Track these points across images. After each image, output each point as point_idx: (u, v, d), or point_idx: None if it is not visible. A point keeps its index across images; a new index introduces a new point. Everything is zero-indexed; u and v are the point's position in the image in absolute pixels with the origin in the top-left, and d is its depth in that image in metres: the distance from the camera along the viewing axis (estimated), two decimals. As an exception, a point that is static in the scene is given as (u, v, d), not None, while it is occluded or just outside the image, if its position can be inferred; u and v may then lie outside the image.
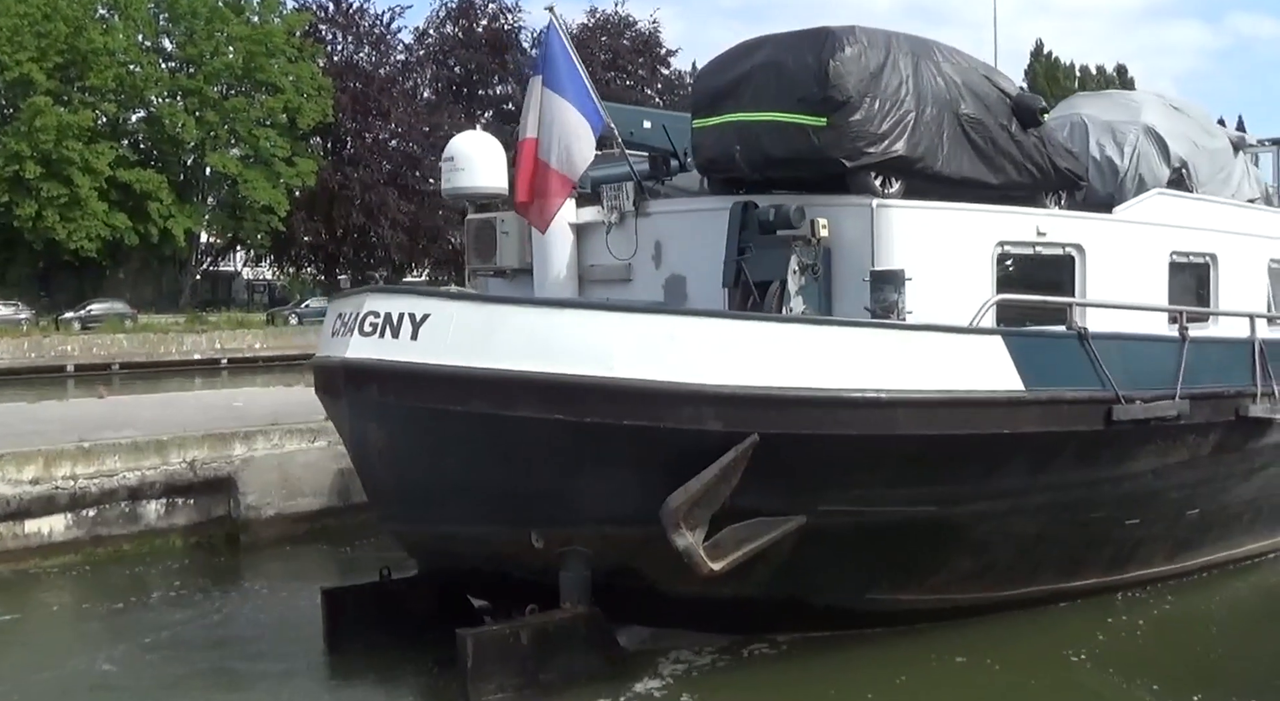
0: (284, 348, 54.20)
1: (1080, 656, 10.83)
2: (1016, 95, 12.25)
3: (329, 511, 16.15)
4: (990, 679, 10.40)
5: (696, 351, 9.33)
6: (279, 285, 78.23)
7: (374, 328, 9.54)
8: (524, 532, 9.74)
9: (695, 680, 10.25)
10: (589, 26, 73.18)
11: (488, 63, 69.39)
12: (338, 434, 11.98)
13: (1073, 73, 70.43)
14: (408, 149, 67.04)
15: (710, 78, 12.28)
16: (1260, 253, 14.76)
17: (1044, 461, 10.68)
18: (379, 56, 68.02)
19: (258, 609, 12.92)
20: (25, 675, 10.56)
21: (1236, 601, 13.24)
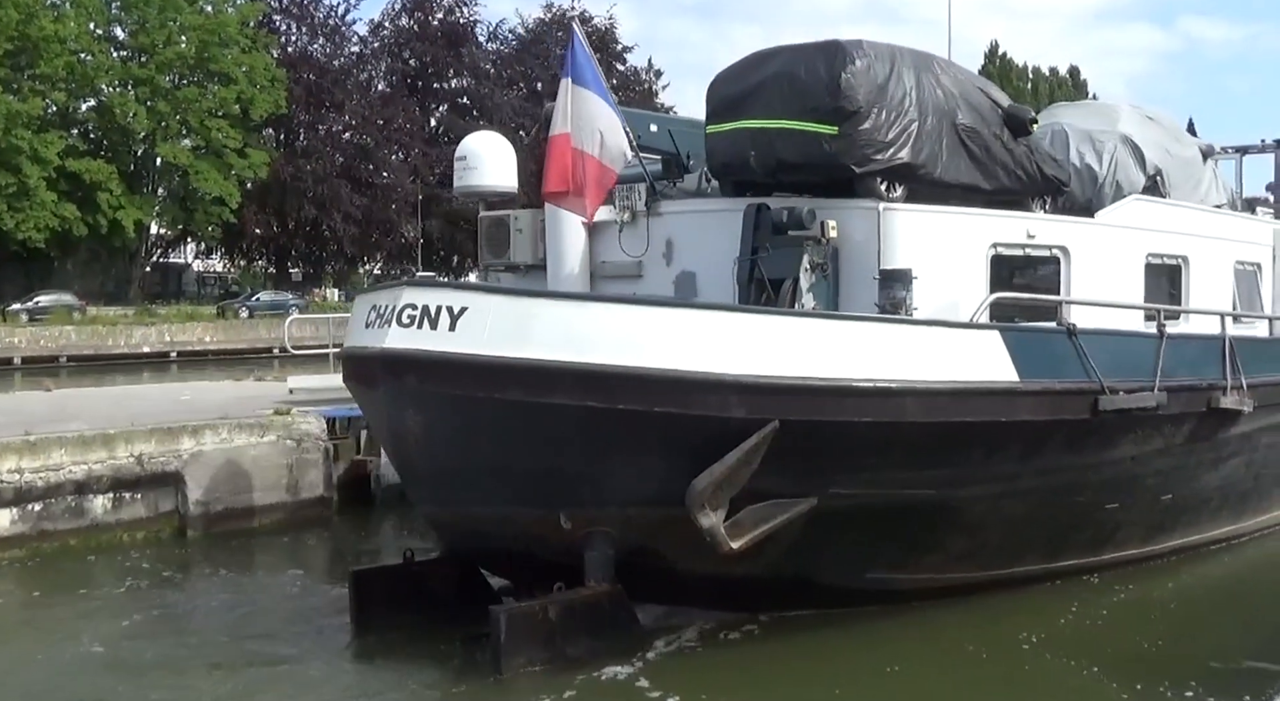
0: (234, 341, 54.49)
1: (1036, 640, 11.35)
2: (1008, 106, 13.27)
3: (278, 506, 16.35)
4: (946, 668, 10.94)
5: (722, 343, 10.11)
6: (230, 278, 78.27)
7: (412, 319, 10.14)
8: (553, 514, 10.41)
9: (702, 654, 11.00)
10: (545, 22, 73.87)
11: (443, 56, 69.73)
12: (369, 421, 12.70)
13: (1026, 74, 71.90)
14: (361, 141, 67.36)
15: (725, 86, 13.14)
16: (1227, 255, 15.90)
17: (1035, 447, 11.58)
18: (333, 48, 68.22)
19: (226, 598, 13.26)
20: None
21: (1194, 587, 13.96)
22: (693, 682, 10.24)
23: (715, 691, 10.19)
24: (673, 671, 10.48)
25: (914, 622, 11.64)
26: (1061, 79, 72.76)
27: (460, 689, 10.29)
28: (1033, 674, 10.69)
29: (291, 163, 65.02)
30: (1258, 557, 15.30)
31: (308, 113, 65.71)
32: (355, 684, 10.74)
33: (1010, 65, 71.84)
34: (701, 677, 10.43)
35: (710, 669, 10.73)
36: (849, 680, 10.48)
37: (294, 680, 10.61)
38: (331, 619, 12.26)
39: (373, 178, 67.02)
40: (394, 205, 67.69)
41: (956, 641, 11.30)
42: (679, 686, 10.09)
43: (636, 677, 10.24)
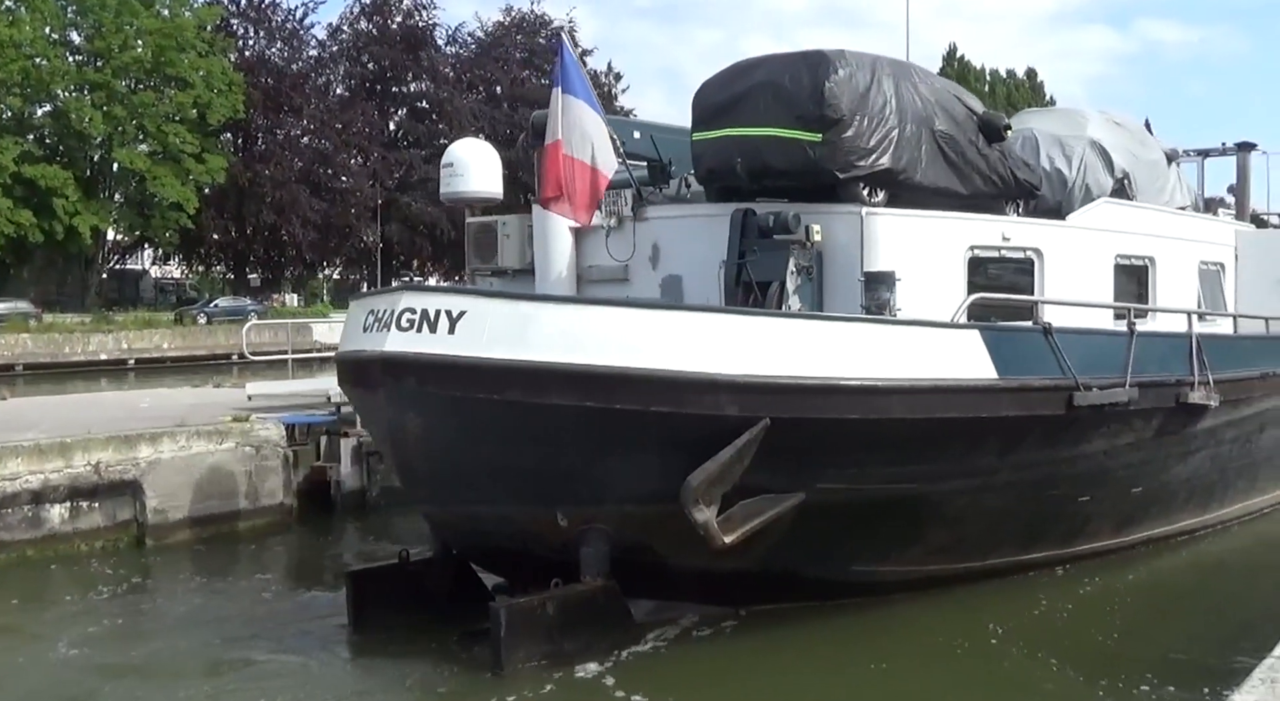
0: (192, 348, 54.30)
1: (1002, 632, 11.77)
2: (983, 113, 13.84)
3: (237, 514, 16.40)
4: (915, 660, 11.26)
5: (715, 344, 10.53)
6: (187, 284, 78.02)
7: (411, 323, 10.46)
8: (550, 512, 10.78)
9: (692, 648, 11.41)
10: (504, 25, 74.20)
11: (402, 60, 69.89)
12: (365, 423, 13.03)
13: (984, 76, 72.76)
14: (319, 146, 67.38)
15: (711, 94, 13.61)
16: (1191, 255, 16.55)
17: (1013, 442, 12.08)
18: (291, 52, 68.21)
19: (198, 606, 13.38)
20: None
21: (1160, 579, 14.46)
22: (684, 675, 10.72)
23: (702, 684, 10.65)
24: (664, 664, 10.92)
25: (888, 615, 12.07)
26: (1019, 81, 73.65)
27: (460, 684, 10.57)
28: (997, 667, 10.98)
29: (249, 167, 64.98)
30: (1222, 549, 15.83)
31: (266, 117, 65.68)
32: (355, 681, 11.01)
33: (968, 68, 72.64)
34: (691, 670, 10.89)
35: (698, 661, 11.14)
36: (825, 671, 10.90)
37: (294, 679, 10.85)
38: (315, 621, 12.57)
39: (331, 182, 67.04)
40: (353, 210, 67.79)
41: (927, 633, 11.72)
42: (671, 679, 10.55)
43: (631, 670, 10.63)
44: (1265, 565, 15.69)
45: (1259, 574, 15.20)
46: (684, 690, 10.46)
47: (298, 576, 14.93)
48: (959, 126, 13.40)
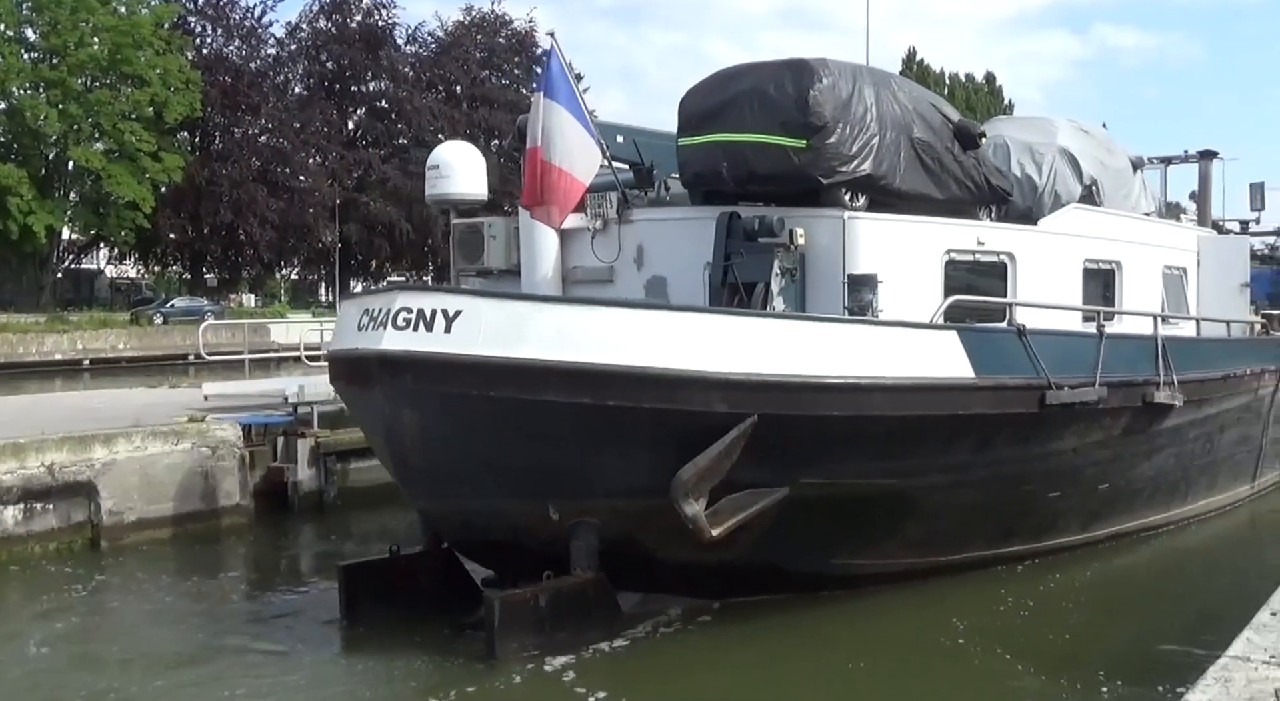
0: (149, 348, 54.03)
1: (964, 626, 12.08)
2: (958, 121, 14.38)
3: (194, 515, 16.38)
4: (877, 655, 11.52)
5: (705, 343, 10.97)
6: (144, 283, 77.65)
7: (407, 322, 10.77)
8: (542, 506, 11.16)
9: (675, 640, 11.82)
10: (465, 24, 74.30)
11: (361, 59, 69.86)
12: (357, 420, 13.37)
13: (943, 80, 73.70)
14: (278, 145, 67.21)
15: (697, 100, 14.07)
16: (1156, 260, 17.20)
17: (987, 439, 12.60)
18: (249, 50, 68.00)
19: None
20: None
21: (1124, 574, 14.92)
22: (666, 666, 11.15)
23: (678, 675, 11.00)
24: (649, 655, 11.34)
25: (854, 610, 12.47)
26: (978, 86, 74.78)
27: (452, 674, 10.83)
28: (959, 664, 11.25)
29: (207, 166, 64.84)
30: (1182, 546, 16.39)
31: (223, 116, 65.59)
32: (349, 674, 11.26)
33: (928, 72, 73.58)
34: (672, 661, 11.30)
35: (680, 653, 11.53)
36: (795, 663, 11.23)
37: (287, 672, 11.13)
38: (294, 617, 12.95)
39: (289, 181, 66.94)
40: (311, 209, 67.67)
41: (894, 628, 12.16)
42: (655, 670, 11.02)
43: (616, 660, 11.05)
44: (1224, 562, 16.22)
45: (1218, 571, 15.70)
46: (665, 680, 10.83)
47: (263, 576, 15.13)
48: (936, 134, 13.94)
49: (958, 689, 10.66)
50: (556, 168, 13.18)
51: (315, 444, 18.09)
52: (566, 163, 13.20)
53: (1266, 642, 6.36)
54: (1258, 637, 6.47)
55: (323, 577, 14.37)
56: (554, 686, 10.42)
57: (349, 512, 18.08)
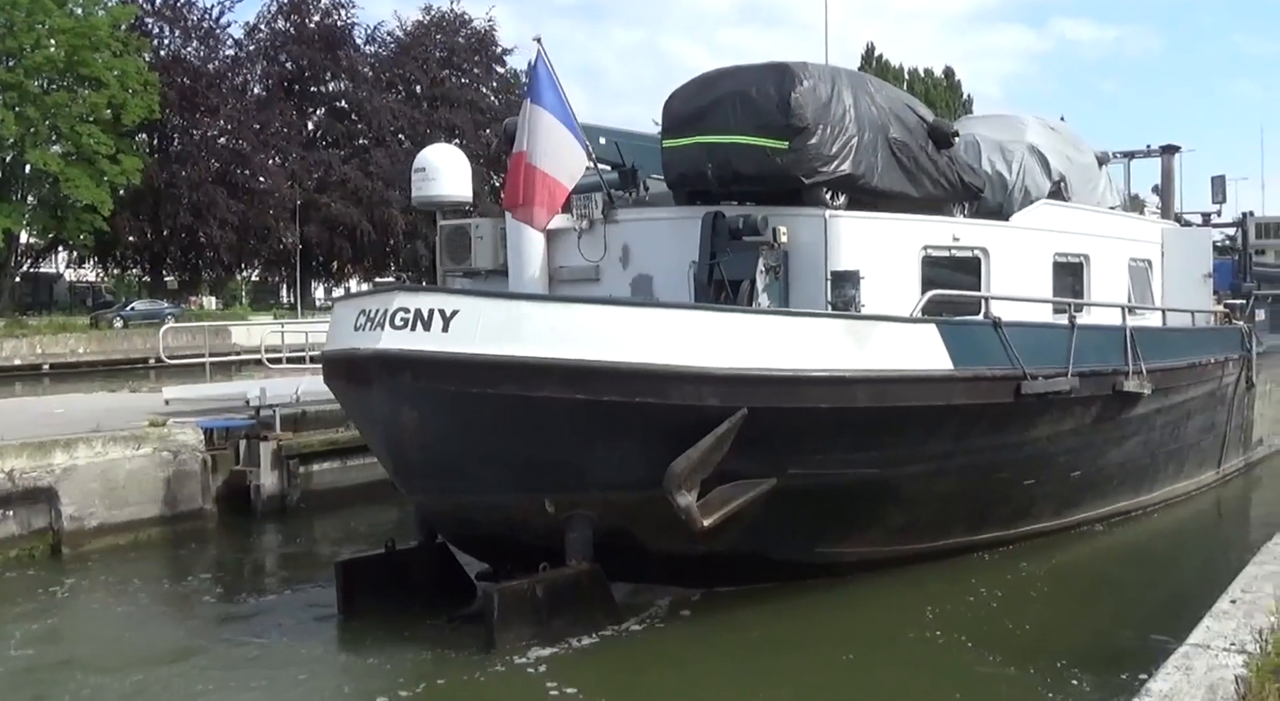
0: (109, 352, 53.82)
1: (933, 616, 12.41)
2: (932, 121, 14.92)
3: (156, 520, 16.36)
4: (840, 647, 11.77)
5: (698, 339, 11.41)
6: (103, 287, 77.30)
7: (405, 322, 11.13)
8: (538, 499, 11.56)
9: (664, 629, 12.21)
10: (424, 24, 74.41)
11: (320, 59, 69.79)
12: (353, 418, 13.73)
13: (902, 76, 74.36)
14: (237, 146, 67.05)
15: (680, 103, 14.53)
16: (1122, 253, 17.84)
17: (966, 428, 13.13)
18: (208, 51, 67.76)
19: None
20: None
21: (1091, 560, 15.43)
22: (654, 655, 11.57)
23: (666, 665, 11.38)
24: (643, 643, 11.74)
25: (831, 600, 12.88)
26: (937, 80, 75.51)
27: (451, 665, 11.16)
28: (929, 652, 11.52)
29: (166, 168, 64.55)
30: (1149, 531, 16.97)
31: (182, 117, 65.27)
32: (349, 666, 11.58)
33: (886, 67, 74.24)
34: (661, 650, 11.69)
35: (668, 642, 11.92)
36: (761, 656, 11.53)
37: (287, 664, 11.42)
38: (282, 616, 13.12)
39: (249, 183, 66.81)
40: (271, 211, 67.64)
41: (866, 618, 12.56)
42: (643, 659, 11.43)
43: (610, 650, 11.46)
44: (1190, 547, 16.77)
45: (1184, 556, 16.24)
46: (653, 669, 11.26)
47: (235, 577, 15.23)
48: (911, 133, 14.48)
49: (924, 680, 10.89)
50: (540, 171, 13.58)
51: (278, 447, 18.18)
52: (551, 166, 13.60)
53: (1226, 630, 6.53)
54: (1217, 625, 6.66)
55: (299, 577, 14.78)
56: (548, 675, 10.76)
57: (313, 515, 18.20)
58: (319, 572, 14.58)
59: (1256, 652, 6.09)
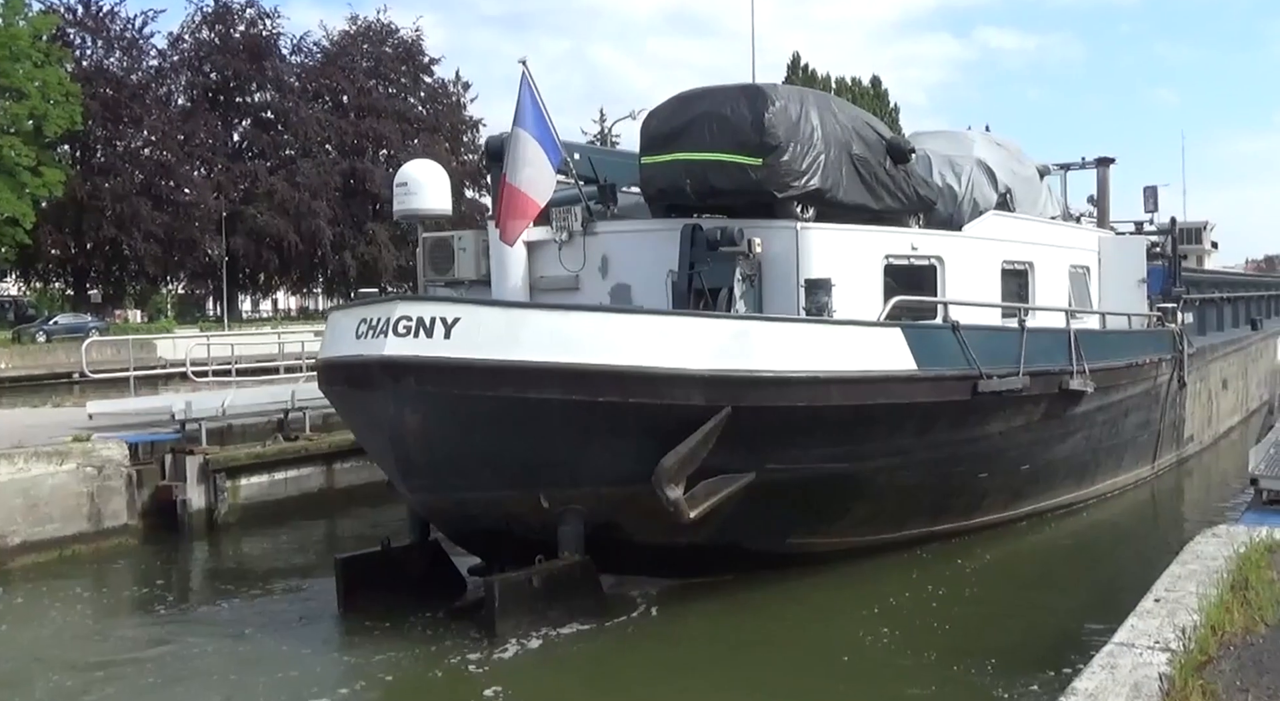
0: (31, 367, 53.39)
1: (878, 610, 13.11)
2: (890, 138, 16.12)
3: (80, 537, 16.37)
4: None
5: (686, 343, 12.42)
6: (25, 301, 76.71)
7: (408, 329, 11.98)
8: (534, 495, 12.44)
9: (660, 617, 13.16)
10: (350, 34, 74.87)
11: (245, 69, 69.94)
12: (350, 422, 14.59)
13: (829, 84, 75.98)
14: (161, 158, 67.03)
15: (658, 122, 15.59)
16: (1063, 260, 19.21)
17: (927, 425, 14.28)
18: (131, 62, 67.61)
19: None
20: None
21: (1025, 554, 16.35)
22: (640, 640, 12.48)
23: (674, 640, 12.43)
24: (633, 628, 12.71)
25: (779, 592, 13.63)
26: (864, 89, 77.25)
27: (450, 652, 11.97)
28: (863, 649, 12.08)
29: (89, 180, 64.30)
30: (1090, 523, 18.23)
31: (105, 128, 65.14)
32: (354, 658, 12.23)
33: (813, 77, 75.90)
34: (645, 636, 12.59)
35: (646, 631, 12.81)
36: (723, 642, 12.44)
37: (290, 664, 11.99)
38: (270, 619, 13.66)
39: (174, 195, 66.74)
40: (197, 223, 67.53)
41: (804, 618, 13.22)
42: (640, 640, 12.41)
43: (601, 635, 12.41)
44: (1126, 540, 17.90)
45: (1119, 549, 17.33)
46: (634, 657, 12.15)
47: (160, 594, 15.27)
48: (871, 150, 15.69)
49: (860, 682, 11.35)
50: (514, 188, 14.55)
51: (204, 461, 18.24)
52: (525, 184, 14.57)
53: (1150, 628, 6.68)
54: (1141, 623, 6.80)
55: (232, 591, 15.08)
56: (538, 663, 11.68)
57: (241, 530, 18.38)
58: (249, 586, 15.19)
59: (1180, 650, 6.24)
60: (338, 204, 70.69)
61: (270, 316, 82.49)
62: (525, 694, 11.06)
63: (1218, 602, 7.00)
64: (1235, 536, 8.96)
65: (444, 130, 76.61)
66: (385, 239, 71.70)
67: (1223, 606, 6.91)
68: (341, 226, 70.73)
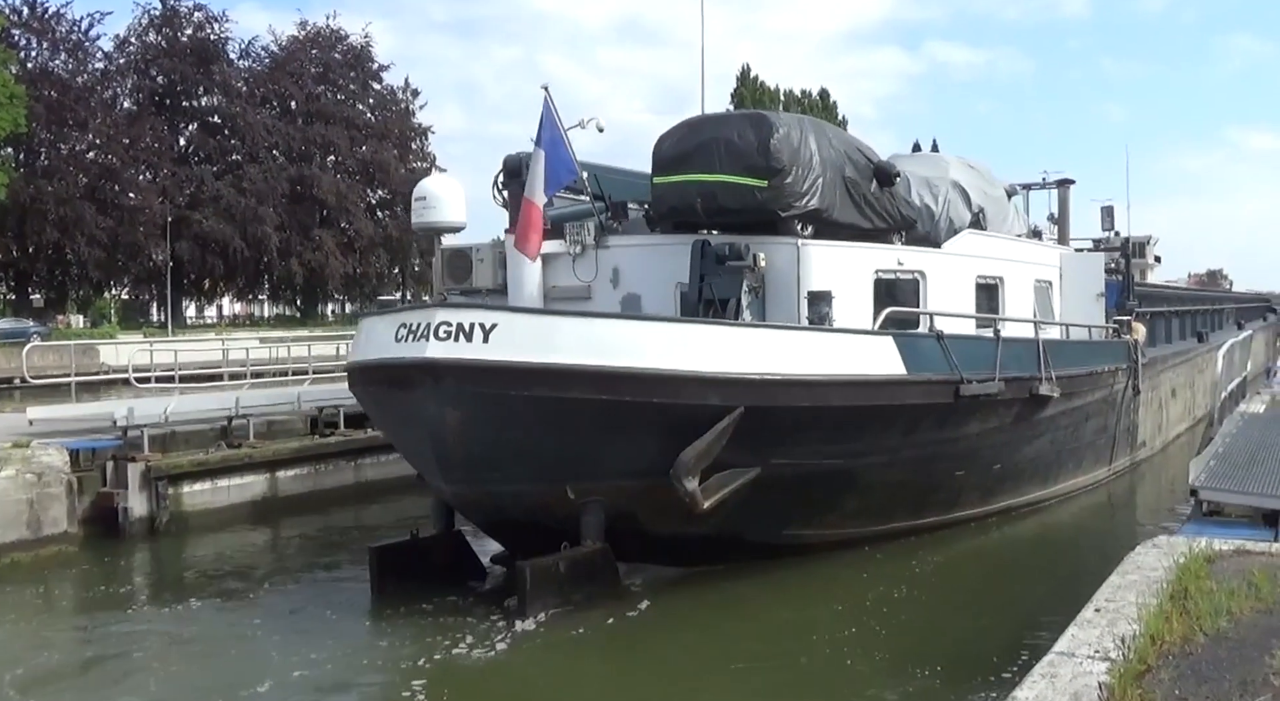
0: (-31, 373, 54.20)
1: (841, 608, 14.13)
2: (878, 162, 17.84)
3: (18, 544, 16.51)
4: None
5: (703, 348, 13.95)
6: (-35, 306, 76.74)
7: (448, 333, 13.27)
8: (561, 487, 13.84)
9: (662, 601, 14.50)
10: (299, 39, 75.62)
11: (193, 73, 70.37)
12: (382, 422, 15.97)
13: (778, 96, 77.96)
14: (106, 161, 67.24)
15: (670, 146, 17.19)
16: (1029, 275, 21.10)
17: (914, 425, 15.96)
18: (77, 64, 67.78)
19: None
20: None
21: (987, 552, 17.73)
22: (666, 618, 13.89)
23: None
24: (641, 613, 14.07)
25: (734, 591, 14.82)
26: (813, 101, 79.24)
27: (478, 631, 13.21)
28: (815, 651, 12.78)
29: (32, 183, 64.22)
30: (1050, 521, 19.87)
31: (49, 131, 65.21)
32: (391, 639, 13.26)
33: (763, 89, 77.81)
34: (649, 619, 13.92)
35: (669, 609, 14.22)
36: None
37: (323, 644, 13.01)
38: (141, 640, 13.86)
39: (119, 199, 66.84)
40: (141, 227, 67.74)
41: (756, 618, 14.05)
42: (652, 620, 13.73)
43: (614, 615, 13.75)
44: (1081, 538, 19.47)
45: (1073, 548, 18.73)
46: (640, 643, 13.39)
47: (110, 601, 15.55)
48: (860, 173, 17.42)
49: (801, 686, 11.89)
50: (531, 202, 16.12)
51: (146, 467, 18.49)
52: (537, 197, 16.15)
53: (1090, 638, 6.82)
54: (1082, 633, 6.94)
55: (169, 597, 15.49)
56: (558, 643, 12.93)
57: (183, 537, 18.65)
58: (190, 594, 15.63)
59: (1119, 659, 6.34)
60: (284, 210, 71.33)
61: (215, 323, 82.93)
62: (543, 667, 12.41)
63: (1157, 612, 7.14)
64: (1175, 547, 9.20)
65: (392, 137, 77.59)
66: (332, 246, 72.49)
67: (1162, 616, 7.05)
68: (288, 232, 71.33)
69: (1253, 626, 7.11)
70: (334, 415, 22.61)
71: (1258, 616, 7.32)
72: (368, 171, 75.99)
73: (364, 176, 76.22)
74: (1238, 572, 8.32)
